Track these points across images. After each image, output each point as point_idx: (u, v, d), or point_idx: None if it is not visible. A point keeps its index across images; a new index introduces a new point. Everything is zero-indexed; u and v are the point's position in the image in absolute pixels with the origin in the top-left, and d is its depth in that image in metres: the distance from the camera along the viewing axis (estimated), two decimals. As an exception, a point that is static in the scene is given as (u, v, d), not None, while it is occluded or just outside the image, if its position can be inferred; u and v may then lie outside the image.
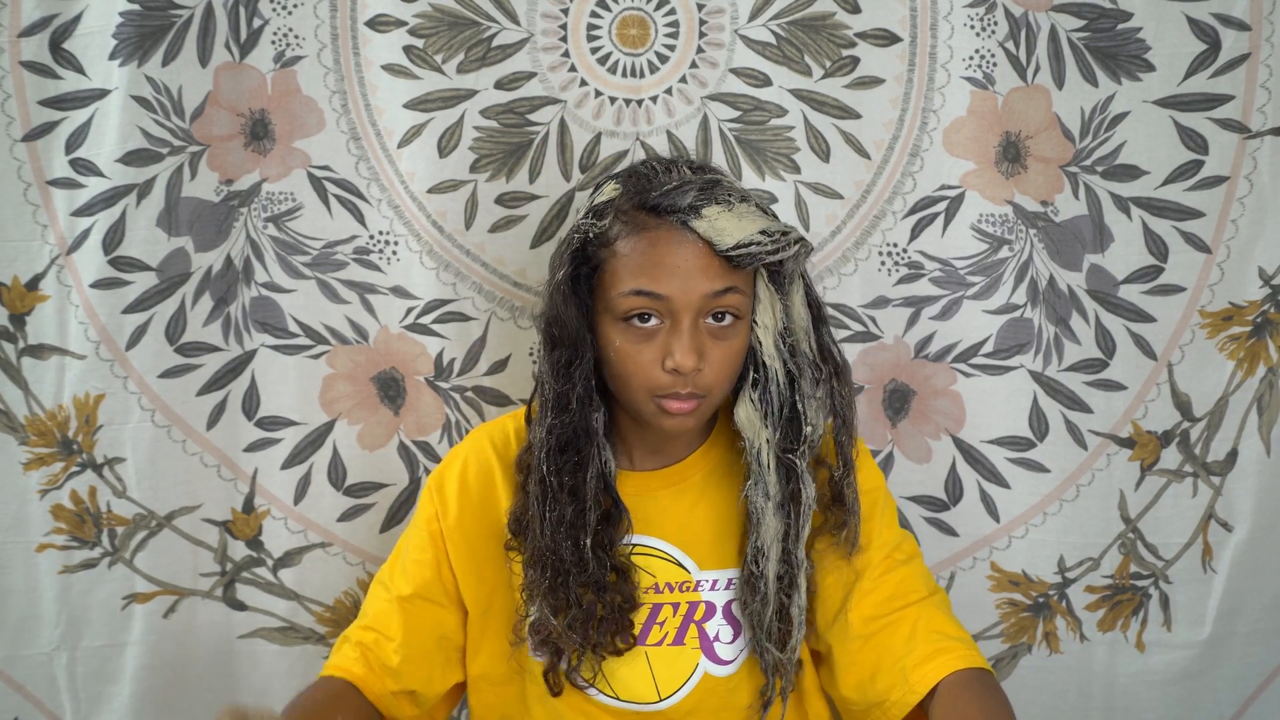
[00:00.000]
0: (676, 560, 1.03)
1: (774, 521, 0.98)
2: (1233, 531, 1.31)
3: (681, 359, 0.93)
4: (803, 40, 1.25)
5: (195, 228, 1.25)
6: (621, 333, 0.95)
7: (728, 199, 0.95)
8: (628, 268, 0.94)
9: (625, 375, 0.96)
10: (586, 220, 0.97)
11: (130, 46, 1.19)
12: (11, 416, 1.26)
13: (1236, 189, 1.25)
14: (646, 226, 0.95)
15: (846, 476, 1.01)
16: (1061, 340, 1.29)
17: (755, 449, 0.99)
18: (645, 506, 1.04)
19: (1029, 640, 1.35)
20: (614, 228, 0.96)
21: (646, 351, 0.95)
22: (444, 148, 1.25)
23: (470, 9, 1.24)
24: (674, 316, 0.94)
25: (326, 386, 1.31)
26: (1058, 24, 1.24)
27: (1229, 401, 1.30)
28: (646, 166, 1.00)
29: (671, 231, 0.94)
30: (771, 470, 0.98)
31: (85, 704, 1.30)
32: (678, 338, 0.94)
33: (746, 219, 0.94)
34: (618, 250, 0.95)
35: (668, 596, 1.02)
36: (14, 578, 1.27)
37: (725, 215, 0.93)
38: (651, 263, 0.93)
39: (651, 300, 0.94)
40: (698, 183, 0.95)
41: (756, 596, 0.99)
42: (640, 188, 0.97)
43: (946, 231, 1.27)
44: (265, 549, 1.33)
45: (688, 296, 0.93)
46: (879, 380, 1.32)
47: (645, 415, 0.98)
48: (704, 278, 0.94)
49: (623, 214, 0.96)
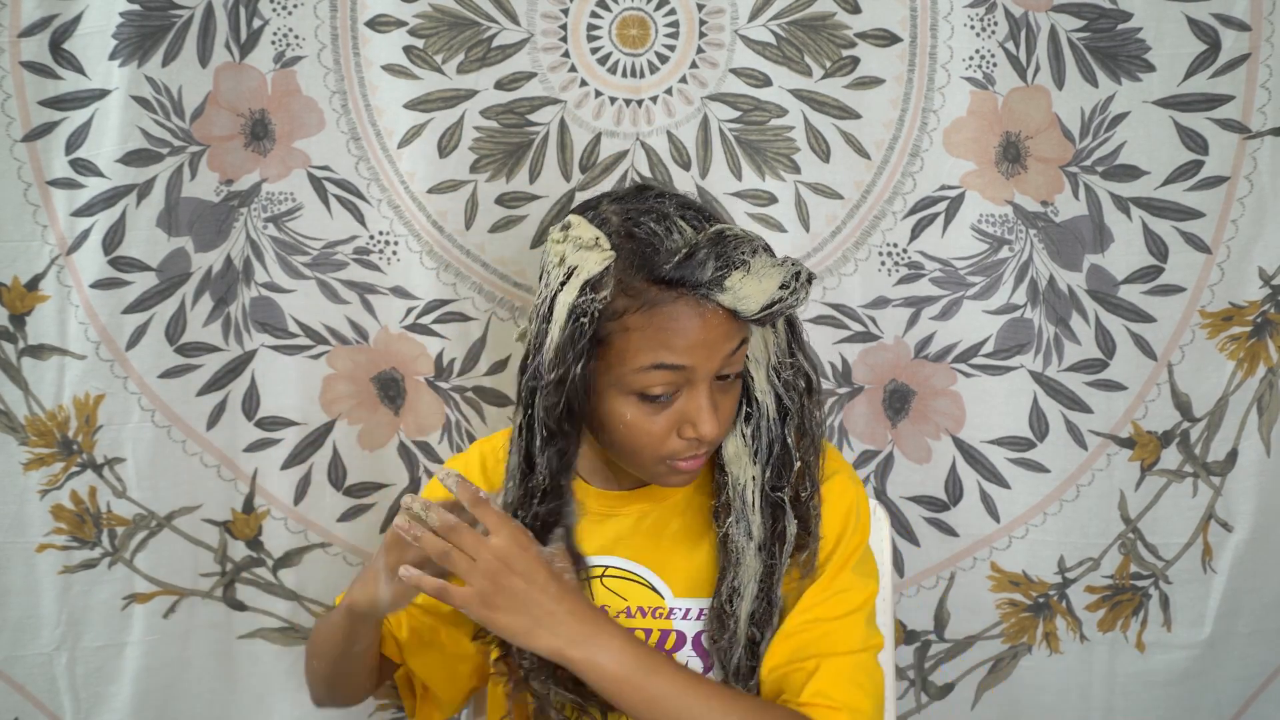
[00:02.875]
0: (650, 584, 0.99)
1: (754, 562, 0.94)
2: (1233, 532, 1.31)
3: (705, 429, 0.89)
4: (803, 40, 1.25)
5: (195, 228, 1.25)
6: (633, 406, 0.89)
7: (743, 258, 0.87)
8: (645, 344, 0.87)
9: (636, 447, 0.91)
10: (585, 298, 0.86)
11: (130, 47, 1.19)
12: (11, 416, 1.26)
13: (1236, 189, 1.25)
14: (661, 301, 0.87)
15: (811, 498, 0.96)
16: (1061, 340, 1.29)
17: (740, 486, 0.94)
18: (617, 526, 1.01)
19: (1029, 640, 1.35)
20: (619, 301, 0.87)
21: (659, 422, 0.90)
22: (444, 148, 1.25)
23: (470, 9, 1.24)
24: (691, 384, 0.89)
25: (326, 387, 1.31)
26: (1058, 24, 1.24)
27: (1229, 402, 1.30)
28: (640, 228, 0.89)
29: (691, 306, 0.87)
30: (757, 510, 0.94)
31: (85, 704, 1.30)
32: (698, 406, 0.89)
33: (766, 277, 0.87)
34: (629, 325, 0.87)
35: (639, 621, 0.99)
36: (14, 578, 1.27)
37: (747, 281, 0.86)
38: (672, 337, 0.87)
39: (672, 373, 0.88)
40: (708, 245, 0.86)
41: (725, 634, 0.94)
42: (644, 256, 0.87)
43: (946, 232, 1.27)
44: (265, 549, 1.33)
45: (710, 365, 0.88)
46: (879, 380, 1.32)
47: (650, 476, 0.94)
48: (726, 340, 0.89)
49: (629, 288, 0.87)
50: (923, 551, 1.34)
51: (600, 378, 0.90)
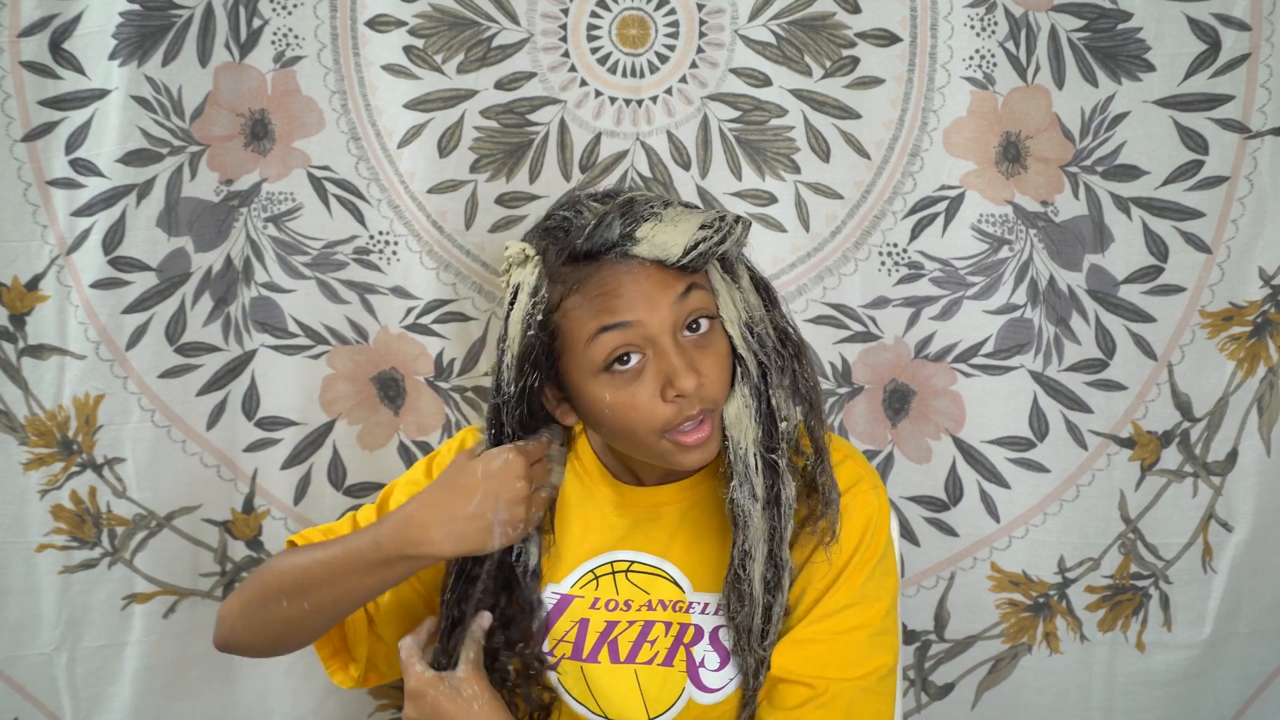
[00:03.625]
0: (672, 578, 1.00)
1: (760, 523, 0.94)
2: (1233, 532, 1.31)
3: (683, 382, 0.88)
4: (803, 40, 1.25)
5: (195, 228, 1.25)
6: (607, 384, 0.90)
7: (654, 211, 0.90)
8: (585, 316, 0.89)
9: (629, 425, 0.91)
10: (526, 310, 0.91)
11: (130, 46, 1.19)
12: (11, 416, 1.26)
13: (1237, 189, 1.25)
14: (586, 274, 0.89)
15: (820, 464, 0.96)
16: (1061, 340, 1.29)
17: (741, 449, 0.94)
18: (643, 521, 1.02)
19: (1029, 640, 1.35)
20: (554, 292, 0.90)
21: (640, 393, 0.90)
22: (444, 148, 1.25)
23: (470, 9, 1.24)
24: (653, 344, 0.89)
25: (326, 386, 1.31)
26: (1058, 24, 1.24)
27: (1229, 402, 1.29)
28: (553, 220, 0.94)
29: (615, 265, 0.89)
30: (759, 472, 0.94)
31: (85, 704, 1.30)
32: (667, 362, 0.89)
33: (681, 221, 0.90)
34: (567, 308, 0.90)
35: (660, 614, 1.00)
36: (14, 578, 1.27)
37: (661, 228, 0.89)
38: (607, 298, 0.89)
39: (622, 332, 0.88)
40: (615, 210, 0.90)
41: (743, 605, 0.95)
42: (560, 242, 0.91)
43: (946, 231, 1.27)
44: (265, 549, 1.33)
45: (657, 314, 0.89)
46: (879, 380, 1.32)
47: (662, 458, 0.94)
48: (664, 288, 0.89)
49: (557, 275, 0.90)
50: (923, 551, 1.34)
51: (570, 373, 0.92)
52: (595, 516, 1.03)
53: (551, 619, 1.01)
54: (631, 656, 0.99)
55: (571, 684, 1.01)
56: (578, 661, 1.00)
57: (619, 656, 0.99)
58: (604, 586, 1.01)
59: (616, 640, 0.99)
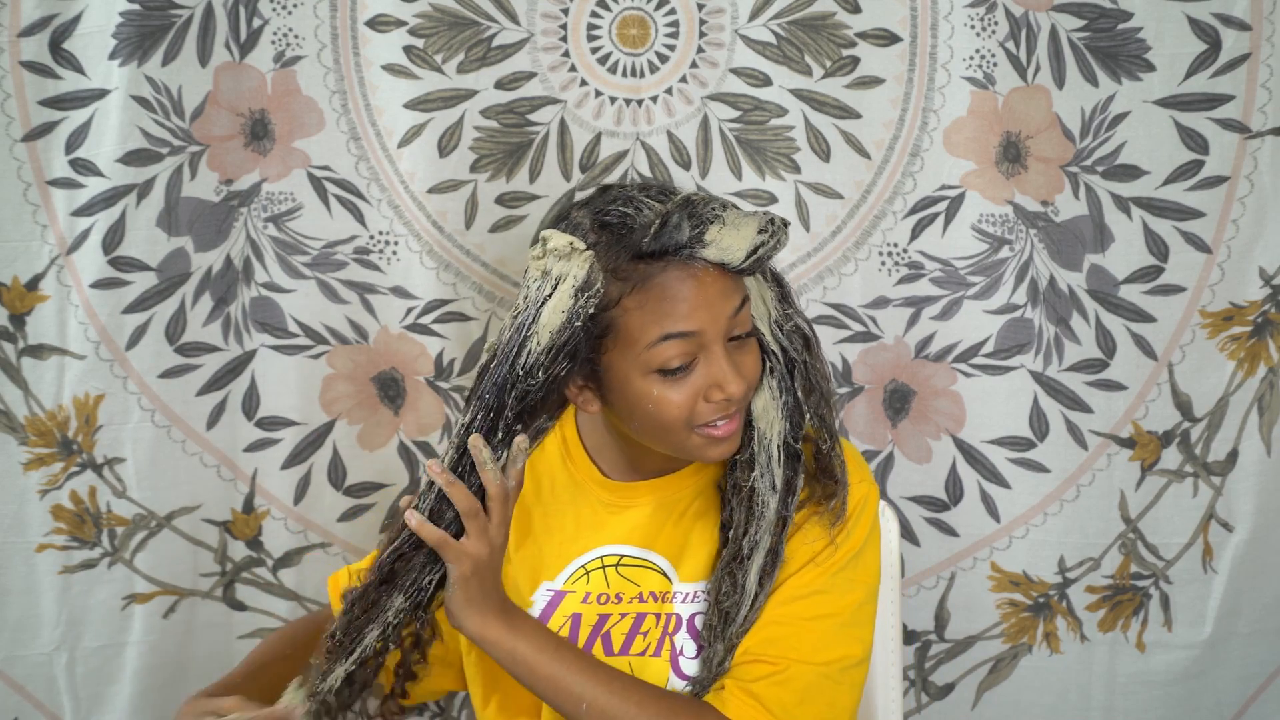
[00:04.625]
0: (662, 570, 1.01)
1: (774, 514, 0.96)
2: (1233, 532, 1.31)
3: (733, 388, 0.91)
4: (803, 40, 1.25)
5: (195, 228, 1.25)
6: (656, 383, 0.91)
7: (715, 213, 0.90)
8: (648, 319, 0.89)
9: (668, 423, 0.92)
10: (573, 302, 0.89)
11: (130, 46, 1.19)
12: (11, 416, 1.26)
13: (1237, 189, 1.25)
14: (652, 274, 0.89)
15: (834, 448, 0.98)
16: (1062, 340, 1.28)
17: (766, 440, 0.96)
18: (635, 515, 1.02)
19: (1029, 640, 1.35)
20: (612, 288, 0.90)
21: (684, 392, 0.91)
22: (444, 148, 1.25)
23: (470, 9, 1.24)
24: (705, 348, 0.91)
25: (326, 386, 1.31)
26: (1058, 24, 1.24)
27: (1229, 402, 1.29)
28: (610, 215, 0.92)
29: (682, 268, 0.89)
30: (779, 463, 0.96)
31: (85, 704, 1.30)
32: (717, 367, 0.91)
33: (743, 225, 0.91)
34: (627, 307, 0.90)
35: (651, 606, 1.00)
36: (14, 578, 1.27)
37: (725, 232, 0.90)
38: (672, 305, 0.89)
39: (684, 341, 0.89)
40: (678, 210, 0.89)
41: (736, 590, 0.95)
42: (622, 239, 0.90)
43: (947, 231, 1.27)
44: (265, 549, 1.33)
45: (716, 324, 0.90)
46: (879, 380, 1.32)
47: (690, 451, 0.95)
48: (725, 298, 0.91)
49: (618, 272, 0.90)
50: (923, 551, 1.34)
51: (616, 367, 0.92)
52: (586, 513, 1.04)
53: (545, 616, 1.01)
54: (625, 648, 1.00)
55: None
56: None
57: (613, 649, 1.00)
58: (595, 581, 1.01)
59: (609, 633, 1.00)
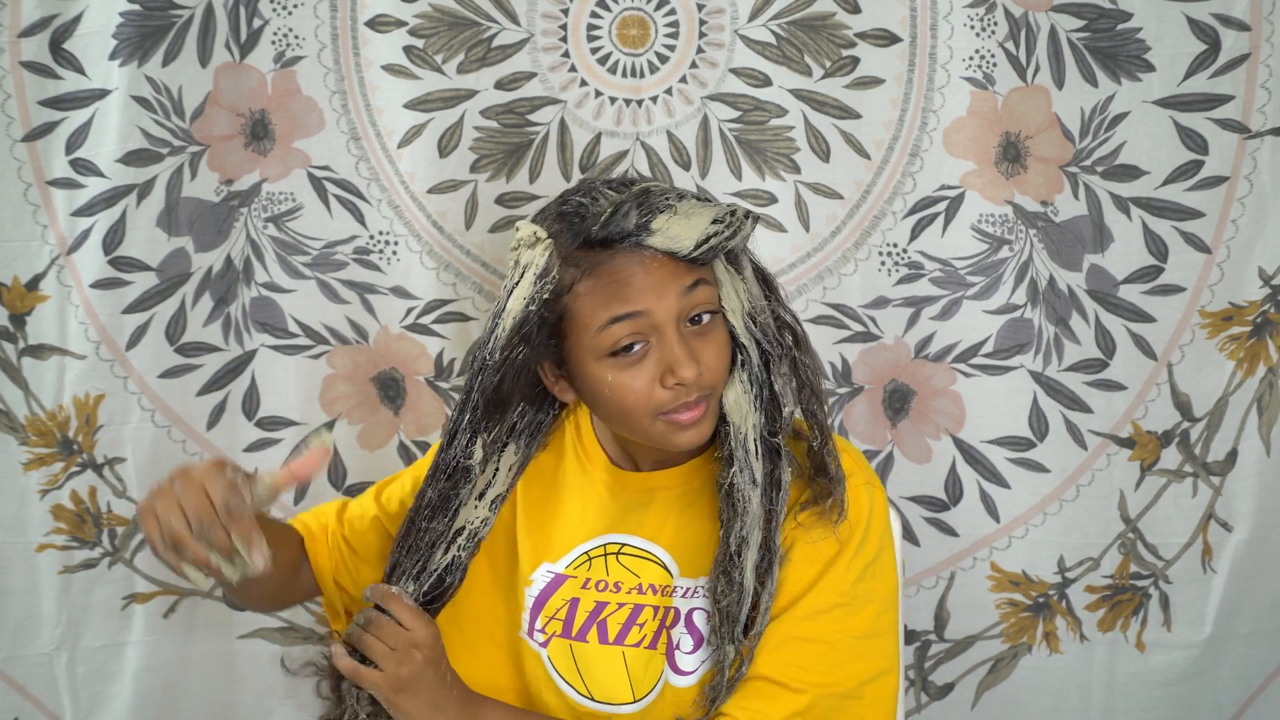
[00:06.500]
0: (662, 563, 1.01)
1: (758, 509, 0.95)
2: (1233, 532, 1.31)
3: (684, 371, 0.91)
4: (803, 40, 1.25)
5: (195, 228, 1.25)
6: (610, 368, 0.93)
7: (667, 203, 0.92)
8: (597, 303, 0.91)
9: (626, 406, 0.93)
10: (536, 289, 0.93)
11: (130, 46, 1.19)
12: (11, 416, 1.26)
13: (1236, 189, 1.25)
14: (600, 260, 0.92)
15: (826, 445, 0.98)
16: (1061, 340, 1.29)
17: (742, 435, 0.96)
18: (638, 506, 1.03)
19: (1029, 640, 1.35)
20: (566, 275, 0.92)
21: (640, 377, 0.92)
22: (444, 148, 1.25)
23: (470, 9, 1.24)
24: (658, 332, 0.92)
25: (326, 386, 1.31)
26: (1058, 24, 1.24)
27: (1229, 401, 1.30)
28: (568, 205, 0.95)
29: (629, 255, 0.91)
30: (759, 457, 0.96)
31: (85, 704, 1.30)
32: (669, 351, 0.91)
33: (695, 216, 0.92)
34: (579, 292, 0.92)
35: (649, 599, 1.00)
36: (14, 578, 1.27)
37: (675, 221, 0.91)
38: (619, 287, 0.91)
39: (632, 322, 0.91)
40: (631, 200, 0.92)
41: (733, 589, 0.95)
42: (575, 227, 0.93)
43: (946, 231, 1.27)
44: (265, 549, 1.33)
45: (664, 304, 0.91)
46: (879, 380, 1.32)
47: (656, 439, 0.96)
48: (674, 281, 0.92)
49: (570, 259, 0.92)
50: (923, 551, 1.34)
51: (574, 353, 0.94)
52: (592, 500, 1.04)
53: (544, 597, 1.02)
54: (620, 638, 1.00)
55: (560, 664, 1.01)
56: (567, 640, 1.01)
57: (608, 638, 1.00)
58: (595, 568, 1.02)
59: (605, 621, 1.00)
